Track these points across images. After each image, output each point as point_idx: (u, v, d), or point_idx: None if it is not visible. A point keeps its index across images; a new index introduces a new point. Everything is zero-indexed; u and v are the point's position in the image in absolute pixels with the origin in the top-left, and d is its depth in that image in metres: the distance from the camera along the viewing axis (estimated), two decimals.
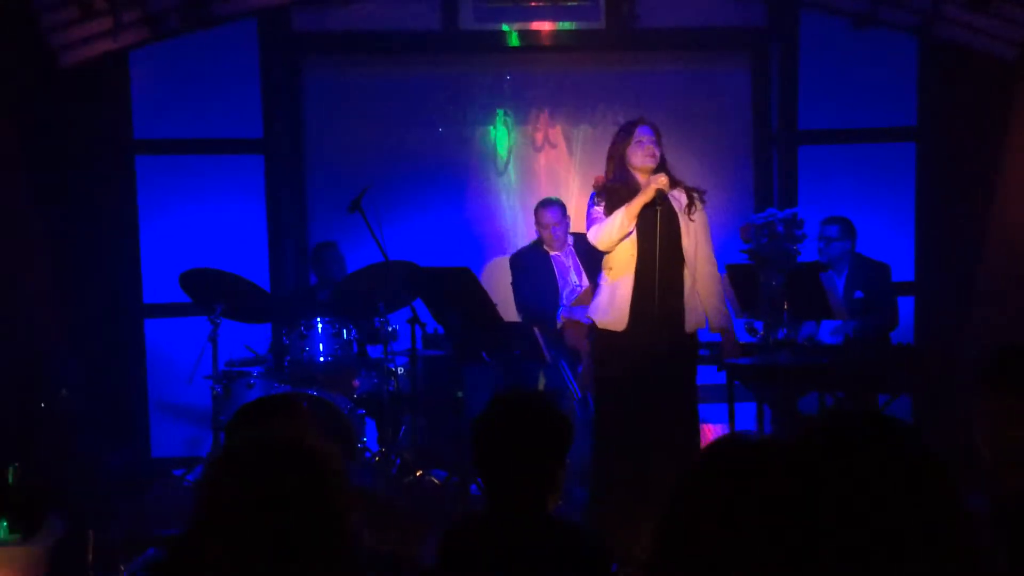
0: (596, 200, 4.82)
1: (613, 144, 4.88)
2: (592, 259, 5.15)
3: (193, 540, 1.79)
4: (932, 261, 7.02)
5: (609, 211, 4.74)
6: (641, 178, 4.77)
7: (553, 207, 6.16)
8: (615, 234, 4.70)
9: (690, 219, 4.81)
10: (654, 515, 1.52)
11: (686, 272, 4.80)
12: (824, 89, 7.01)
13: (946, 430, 5.12)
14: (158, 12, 6.22)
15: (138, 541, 3.42)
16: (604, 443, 4.82)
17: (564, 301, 6.08)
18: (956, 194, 6.82)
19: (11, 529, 2.37)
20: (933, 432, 5.35)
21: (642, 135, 4.77)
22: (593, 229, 4.79)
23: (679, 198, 4.82)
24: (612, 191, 4.77)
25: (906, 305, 6.91)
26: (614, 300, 4.77)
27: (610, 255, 4.80)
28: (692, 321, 4.84)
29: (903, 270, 6.97)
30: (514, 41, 7.04)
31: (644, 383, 4.64)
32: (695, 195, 4.86)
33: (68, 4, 5.91)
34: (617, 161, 4.82)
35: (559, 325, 5.97)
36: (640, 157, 4.76)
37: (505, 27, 6.99)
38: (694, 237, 4.81)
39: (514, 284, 6.27)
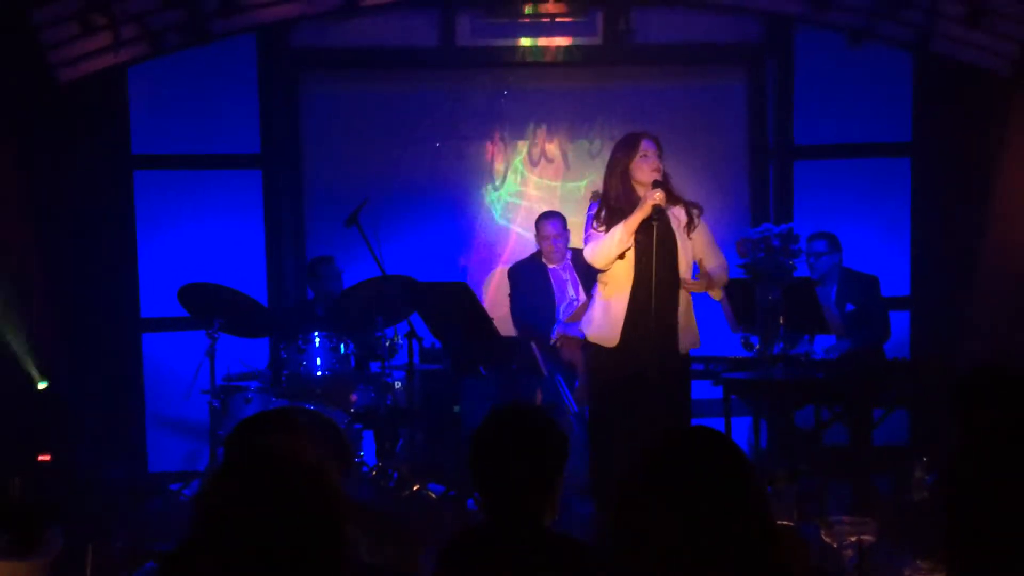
0: (595, 220, 4.72)
1: (615, 158, 4.75)
2: (590, 274, 5.13)
3: (190, 553, 1.80)
4: (928, 275, 7.04)
5: (610, 226, 4.66)
6: (643, 193, 4.65)
7: (554, 219, 6.18)
8: (613, 251, 4.62)
9: (688, 237, 4.75)
10: None
11: (680, 292, 4.73)
12: (820, 104, 7.04)
13: (942, 443, 5.13)
14: (157, 28, 6.26)
15: (136, 555, 3.43)
16: (598, 455, 4.80)
17: (560, 316, 6.10)
18: (951, 209, 6.85)
19: (12, 543, 2.39)
20: (929, 445, 5.37)
21: (647, 149, 4.67)
22: (589, 247, 4.70)
23: (679, 216, 4.74)
24: (614, 210, 4.67)
25: (902, 319, 6.93)
26: (608, 316, 4.71)
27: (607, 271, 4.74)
28: (686, 341, 4.77)
29: (899, 284, 6.99)
30: (511, 57, 7.08)
31: (635, 400, 4.58)
32: (694, 211, 4.78)
33: (68, 20, 5.94)
34: (620, 175, 4.70)
35: (553, 341, 5.98)
36: (646, 172, 4.65)
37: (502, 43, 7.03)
38: (689, 257, 4.75)
39: (511, 296, 6.29)
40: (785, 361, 5.30)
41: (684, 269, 4.74)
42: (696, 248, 4.79)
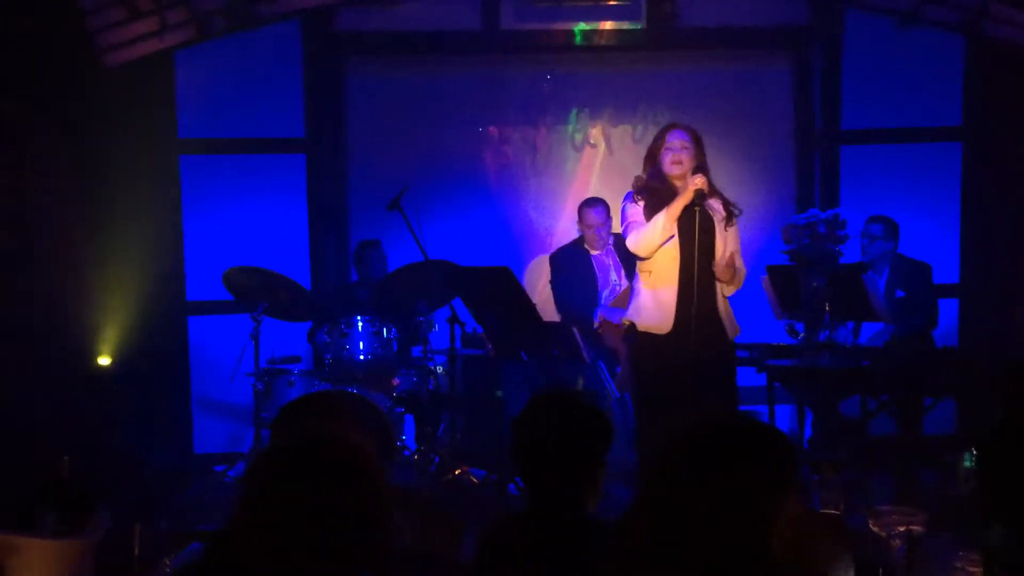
0: (635, 198, 4.78)
1: (650, 145, 4.88)
2: (632, 259, 5.13)
3: (235, 534, 1.82)
4: (977, 263, 6.94)
5: (649, 212, 4.70)
6: (672, 182, 4.74)
7: (598, 207, 6.15)
8: (657, 238, 4.66)
9: (725, 229, 4.77)
10: None
11: (717, 280, 4.74)
12: (868, 88, 6.94)
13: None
14: (204, 13, 6.29)
15: (182, 536, 3.47)
16: (646, 442, 4.78)
17: (603, 301, 6.07)
18: (1002, 195, 6.73)
19: (60, 522, 2.43)
20: (978, 436, 5.28)
21: (672, 140, 4.73)
22: (632, 236, 4.74)
23: (716, 207, 4.77)
24: (653, 191, 4.74)
25: (950, 307, 6.83)
26: (658, 304, 4.72)
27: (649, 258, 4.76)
28: (730, 328, 4.80)
29: (947, 272, 6.89)
30: (555, 41, 7.05)
31: (685, 386, 4.58)
32: (732, 208, 4.82)
33: (115, 5, 5.99)
34: (652, 164, 4.81)
35: (596, 325, 5.96)
36: (667, 163, 4.73)
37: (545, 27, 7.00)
38: (725, 248, 4.76)
39: (553, 282, 6.27)
40: (831, 349, 5.24)
41: (720, 259, 4.74)
42: (728, 246, 4.79)
